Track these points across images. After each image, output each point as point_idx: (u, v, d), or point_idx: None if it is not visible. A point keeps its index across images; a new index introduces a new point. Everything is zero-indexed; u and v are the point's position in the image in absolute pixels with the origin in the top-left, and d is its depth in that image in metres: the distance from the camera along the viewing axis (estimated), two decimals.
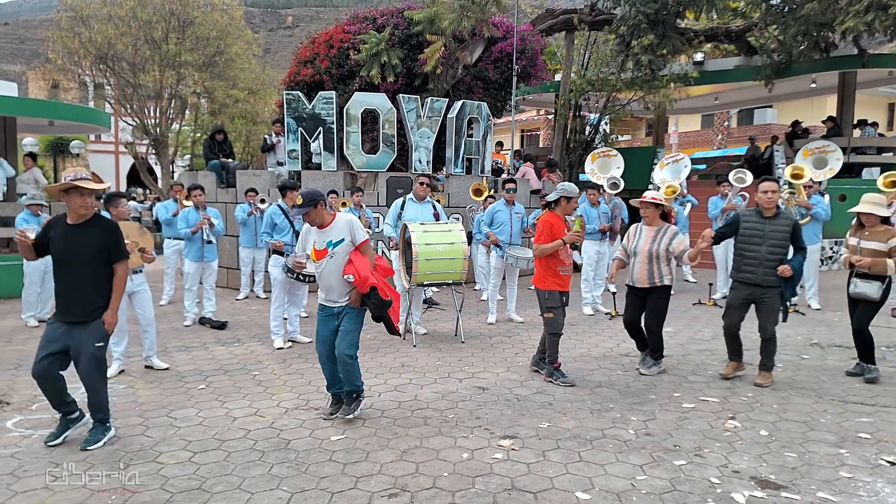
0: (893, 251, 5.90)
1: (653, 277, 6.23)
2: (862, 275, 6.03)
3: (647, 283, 6.25)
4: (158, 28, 20.57)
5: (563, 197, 6.11)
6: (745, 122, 33.91)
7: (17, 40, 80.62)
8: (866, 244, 6.03)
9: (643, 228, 6.39)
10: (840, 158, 11.30)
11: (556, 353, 6.17)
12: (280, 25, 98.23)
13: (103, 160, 35.20)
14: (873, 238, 6.01)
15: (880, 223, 6.06)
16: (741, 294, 6.11)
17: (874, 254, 5.95)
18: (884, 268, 5.89)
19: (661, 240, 6.22)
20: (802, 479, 4.10)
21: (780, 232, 5.90)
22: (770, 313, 6.02)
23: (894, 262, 5.87)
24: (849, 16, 12.58)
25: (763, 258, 5.92)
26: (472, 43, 14.47)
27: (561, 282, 6.11)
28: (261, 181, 11.97)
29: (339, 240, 5.03)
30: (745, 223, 6.07)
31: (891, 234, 5.95)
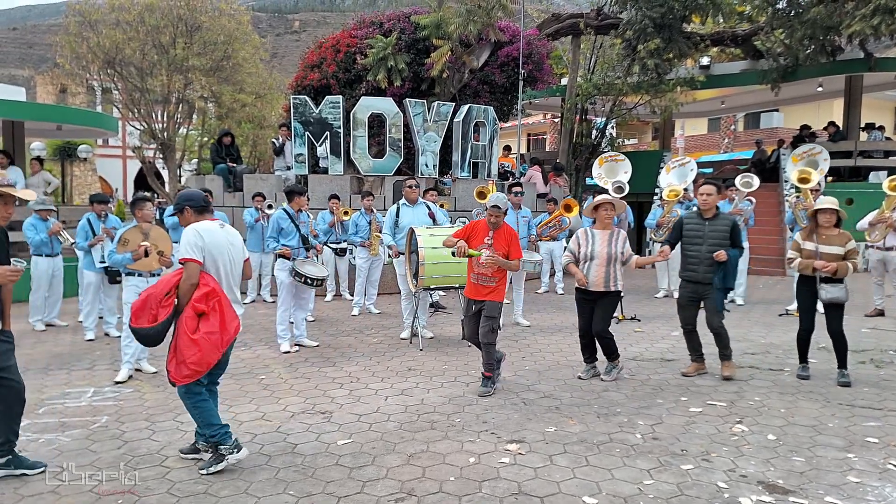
0: (850, 254, 6.09)
1: (608, 282, 6.18)
2: (828, 280, 6.16)
3: (602, 287, 6.18)
4: (166, 33, 20.65)
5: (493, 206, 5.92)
6: (752, 125, 33.84)
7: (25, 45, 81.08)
8: (826, 249, 6.14)
9: (595, 232, 6.28)
10: (828, 159, 11.21)
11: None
12: (287, 30, 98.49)
13: (111, 164, 35.37)
14: (832, 243, 6.13)
15: (834, 227, 6.18)
16: (687, 292, 6.43)
17: (835, 258, 6.09)
18: (846, 271, 6.08)
19: (616, 243, 6.20)
20: (810, 483, 4.08)
21: (720, 232, 6.19)
22: (712, 308, 6.31)
23: (852, 264, 6.08)
24: (855, 19, 12.56)
25: (703, 257, 6.21)
26: (479, 47, 14.48)
27: (469, 287, 6.12)
28: (267, 185, 12.00)
29: None
30: (687, 225, 6.39)
31: (846, 238, 6.12)
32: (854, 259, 6.13)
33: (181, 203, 4.55)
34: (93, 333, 8.33)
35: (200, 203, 4.57)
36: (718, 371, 6.49)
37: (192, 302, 4.19)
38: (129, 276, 6.49)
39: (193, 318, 4.19)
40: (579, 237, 6.33)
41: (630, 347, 7.70)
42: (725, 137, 34.15)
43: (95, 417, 5.35)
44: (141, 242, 6.32)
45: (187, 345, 4.12)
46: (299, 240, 7.66)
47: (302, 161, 12.11)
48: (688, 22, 15.55)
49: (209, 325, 4.20)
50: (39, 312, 9.01)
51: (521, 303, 9.18)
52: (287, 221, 7.67)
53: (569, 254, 6.41)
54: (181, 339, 4.15)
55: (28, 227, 8.65)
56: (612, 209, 6.28)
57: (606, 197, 6.30)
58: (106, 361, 7.16)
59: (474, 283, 6.01)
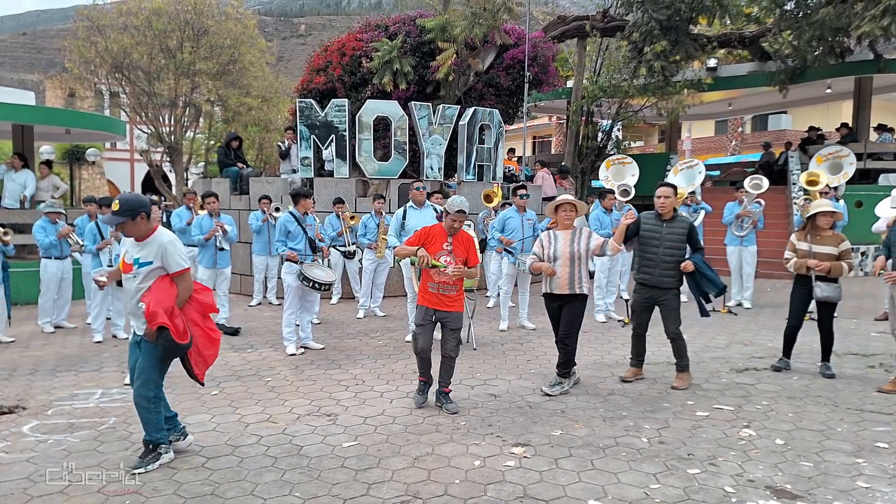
0: (844, 254, 6.20)
1: (573, 283, 5.93)
2: (821, 279, 6.29)
3: (567, 290, 5.93)
4: (173, 37, 20.75)
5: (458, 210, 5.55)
6: (760, 127, 33.71)
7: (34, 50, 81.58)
8: (820, 249, 6.29)
9: (557, 233, 6.10)
10: (854, 163, 11.20)
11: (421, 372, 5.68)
12: (293, 34, 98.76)
13: (118, 168, 35.51)
14: (825, 243, 6.29)
15: (829, 228, 6.32)
16: (642, 296, 6.30)
17: (828, 258, 6.21)
18: (841, 271, 6.19)
19: (580, 241, 5.99)
20: (818, 488, 4.06)
21: (677, 234, 6.10)
22: (670, 314, 6.19)
23: (847, 264, 6.17)
24: (864, 20, 12.51)
25: (660, 260, 6.11)
26: (484, 50, 14.48)
27: (427, 297, 5.59)
28: (274, 188, 12.03)
29: (147, 262, 4.31)
30: (644, 225, 6.24)
31: (840, 239, 6.25)
32: (848, 259, 6.23)
33: (138, 209, 4.25)
34: (101, 335, 8.36)
35: (150, 209, 4.39)
36: (713, 378, 6.45)
37: (208, 306, 4.53)
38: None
39: (202, 319, 4.47)
40: (542, 239, 6.17)
41: None
42: (733, 140, 34.06)
43: (103, 419, 5.37)
44: None
45: (208, 343, 4.46)
46: (306, 243, 7.67)
47: (308, 164, 12.13)
48: (694, 24, 15.52)
49: (212, 324, 4.58)
50: (48, 314, 9.05)
51: (527, 306, 9.16)
52: (294, 224, 7.67)
53: (533, 255, 6.19)
54: (202, 340, 4.43)
55: (38, 230, 8.69)
56: (573, 210, 6.05)
57: (567, 197, 6.14)
58: (114, 363, 7.19)
59: (435, 293, 5.56)
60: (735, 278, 10.69)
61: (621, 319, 9.44)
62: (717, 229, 13.23)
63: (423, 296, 5.63)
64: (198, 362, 4.44)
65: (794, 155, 16.71)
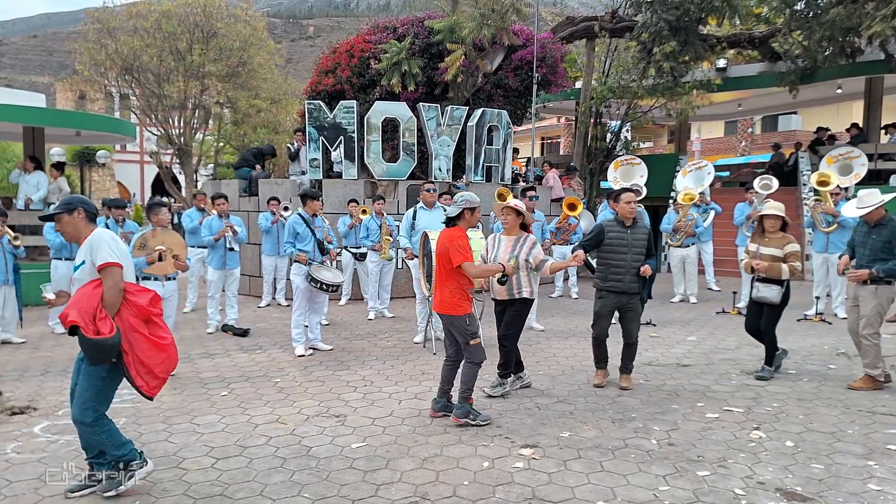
0: (789, 257, 6.22)
1: (511, 289, 5.86)
2: (763, 279, 6.35)
3: (506, 295, 5.89)
4: (183, 39, 20.85)
5: (467, 209, 5.38)
6: (770, 128, 33.55)
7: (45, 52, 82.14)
8: (765, 250, 6.34)
9: (502, 238, 6.04)
10: (865, 164, 11.13)
11: (473, 387, 5.37)
12: (302, 36, 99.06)
13: (128, 169, 35.73)
14: (772, 244, 6.34)
15: (779, 230, 6.35)
16: (610, 302, 6.22)
17: (772, 259, 6.26)
18: (779, 272, 6.24)
19: (521, 249, 5.89)
20: (829, 491, 4.03)
21: (640, 240, 6.13)
22: (635, 318, 6.23)
23: (789, 266, 6.20)
24: (875, 20, 12.42)
25: (629, 266, 6.10)
26: (493, 51, 14.47)
27: (471, 304, 5.46)
28: (283, 190, 12.06)
29: (81, 263, 4.04)
30: (609, 233, 6.19)
31: (787, 241, 6.27)
32: (793, 262, 6.23)
33: (75, 204, 4.06)
34: None
35: (94, 210, 4.17)
36: (737, 377, 6.42)
37: (146, 308, 4.00)
38: (145, 280, 6.54)
39: (143, 324, 4.00)
40: (488, 243, 6.12)
41: (645, 352, 7.65)
42: (742, 140, 33.92)
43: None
44: (156, 247, 6.38)
45: (152, 352, 3.95)
46: (315, 244, 7.68)
47: (316, 166, 12.16)
48: (704, 24, 15.45)
49: (162, 330, 4.07)
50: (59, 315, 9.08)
51: (536, 307, 9.14)
52: (302, 226, 7.69)
53: (480, 261, 6.12)
54: (143, 347, 3.93)
55: (48, 231, 8.75)
56: (514, 215, 5.93)
57: (513, 202, 6.08)
58: None
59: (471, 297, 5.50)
60: (746, 279, 10.62)
61: None
62: (727, 230, 13.19)
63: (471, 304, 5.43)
64: (140, 372, 3.92)
65: (805, 156, 16.62)
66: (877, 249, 6.05)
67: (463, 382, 5.28)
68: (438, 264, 5.36)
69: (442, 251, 5.29)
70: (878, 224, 6.13)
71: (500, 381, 6.05)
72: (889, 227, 6.04)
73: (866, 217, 6.21)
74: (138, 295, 4.03)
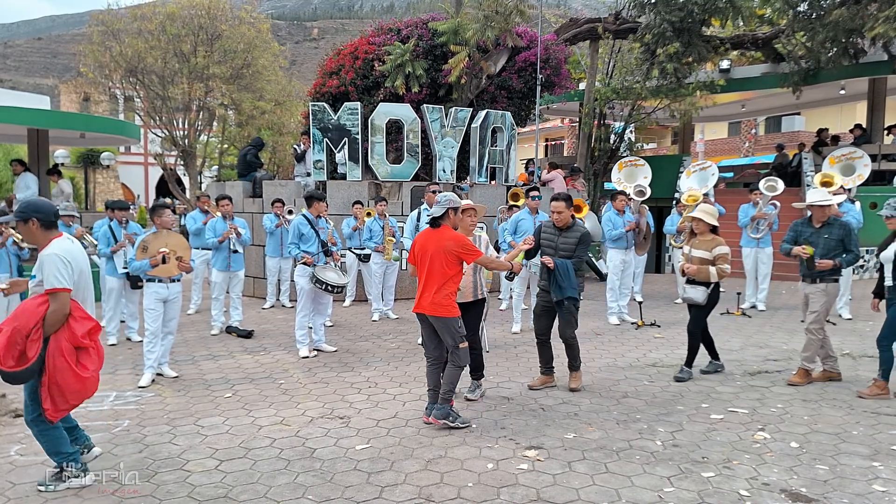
0: (717, 259, 6.29)
1: (476, 290, 5.92)
2: (691, 281, 6.43)
3: (471, 297, 5.89)
4: (187, 41, 20.90)
5: (451, 208, 5.34)
6: (773, 129, 33.49)
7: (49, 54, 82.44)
8: (695, 252, 6.43)
9: None
10: (868, 164, 11.10)
11: (455, 389, 5.32)
12: (306, 37, 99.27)
13: (133, 171, 35.78)
14: (701, 247, 6.42)
15: (709, 232, 6.42)
16: (542, 301, 6.32)
17: (701, 261, 6.34)
18: (707, 275, 6.28)
19: (483, 250, 6.01)
20: (834, 492, 4.02)
21: (570, 242, 6.15)
22: (565, 317, 6.18)
23: (717, 269, 6.26)
24: (879, 21, 12.40)
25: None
26: (496, 53, 14.48)
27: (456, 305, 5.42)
28: (287, 191, 12.08)
29: (33, 275, 4.02)
30: (543, 235, 6.29)
31: (716, 244, 6.33)
32: (721, 265, 6.28)
33: (27, 213, 3.98)
34: (115, 338, 8.42)
35: (51, 217, 4.06)
36: (729, 380, 6.41)
37: (80, 338, 3.95)
38: (149, 282, 6.55)
39: (73, 352, 3.94)
40: None
41: (649, 353, 7.65)
42: (746, 141, 33.86)
43: (117, 421, 5.40)
44: (160, 249, 6.39)
45: (73, 381, 3.91)
46: (319, 246, 7.69)
47: (320, 167, 12.17)
48: (707, 25, 15.43)
49: (93, 362, 4.05)
50: None
51: None
52: (307, 227, 7.70)
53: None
54: (64, 374, 3.88)
55: None
56: (475, 214, 5.88)
57: (470, 202, 5.99)
58: (128, 366, 7.23)
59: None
60: (750, 281, 10.63)
61: (634, 322, 9.40)
62: (731, 231, 13.16)
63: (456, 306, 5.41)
64: (53, 394, 3.89)
65: (808, 156, 16.59)
66: (830, 248, 6.25)
67: (445, 384, 5.24)
68: (431, 265, 5.24)
69: (439, 252, 5.19)
70: (826, 224, 6.35)
71: (477, 383, 6.08)
72: (838, 226, 6.30)
73: (817, 218, 6.38)
74: (80, 322, 4.00)
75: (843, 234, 6.23)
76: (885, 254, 5.97)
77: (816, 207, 6.38)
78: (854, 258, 6.29)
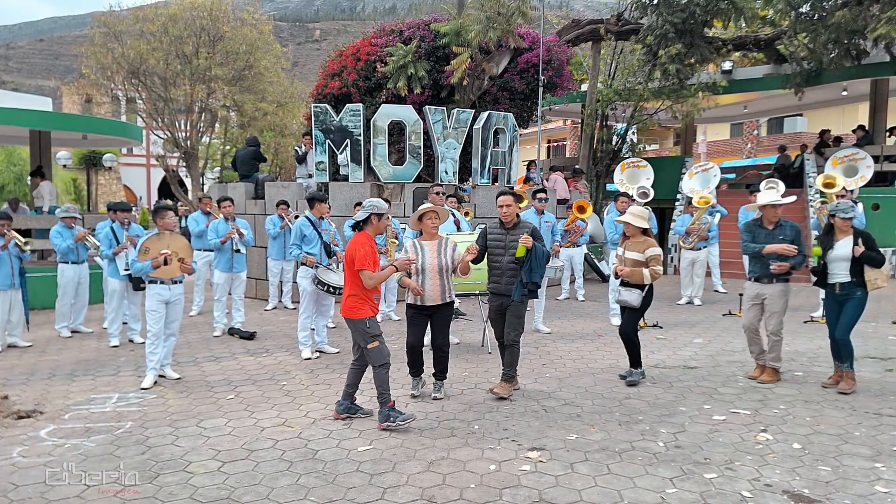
0: (650, 261, 6.26)
1: (444, 293, 5.86)
2: (625, 283, 6.38)
3: (439, 300, 5.85)
4: (189, 43, 20.94)
5: (374, 214, 5.37)
6: (775, 130, 33.51)
7: (51, 56, 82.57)
8: (628, 254, 6.40)
9: (424, 243, 5.92)
10: (871, 166, 11.10)
11: (388, 390, 5.32)
12: (308, 39, 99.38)
13: (135, 173, 35.85)
14: (634, 248, 6.36)
15: (640, 234, 6.38)
16: (494, 304, 6.23)
17: (635, 263, 6.30)
18: (640, 277, 6.24)
19: (446, 252, 5.89)
20: (837, 493, 4.02)
21: (518, 240, 6.04)
22: (513, 321, 6.08)
23: (650, 271, 6.23)
24: (881, 23, 12.39)
25: (505, 268, 6.08)
26: (499, 54, 14.50)
27: (374, 307, 5.47)
28: (289, 193, 12.08)
29: None
30: (490, 235, 6.20)
31: (648, 245, 6.31)
32: (654, 266, 6.27)
33: None
34: (117, 340, 8.42)
35: None
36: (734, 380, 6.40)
37: None
38: (151, 284, 6.56)
39: None
40: (408, 250, 5.95)
41: (652, 355, 7.64)
42: (748, 142, 33.86)
43: (120, 423, 5.41)
44: (162, 250, 6.40)
45: None
46: (321, 247, 7.69)
47: (323, 169, 12.17)
48: (709, 27, 15.44)
49: None
50: (65, 319, 9.12)
51: (542, 310, 9.15)
52: (310, 229, 7.71)
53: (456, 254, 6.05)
54: None
55: (55, 235, 8.78)
56: (437, 218, 5.91)
57: (430, 206, 6.03)
58: (130, 367, 7.24)
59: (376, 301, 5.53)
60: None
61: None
62: (733, 232, 13.14)
63: (372, 307, 5.41)
64: None
65: (810, 158, 16.58)
66: None
67: (377, 387, 5.30)
68: (347, 268, 5.38)
69: (349, 255, 5.30)
70: (777, 225, 6.43)
71: (440, 384, 6.09)
72: (789, 228, 6.40)
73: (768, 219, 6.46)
74: None
75: (794, 235, 6.35)
76: (836, 253, 6.12)
77: (768, 208, 6.47)
78: (803, 259, 6.37)
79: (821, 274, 6.29)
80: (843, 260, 6.10)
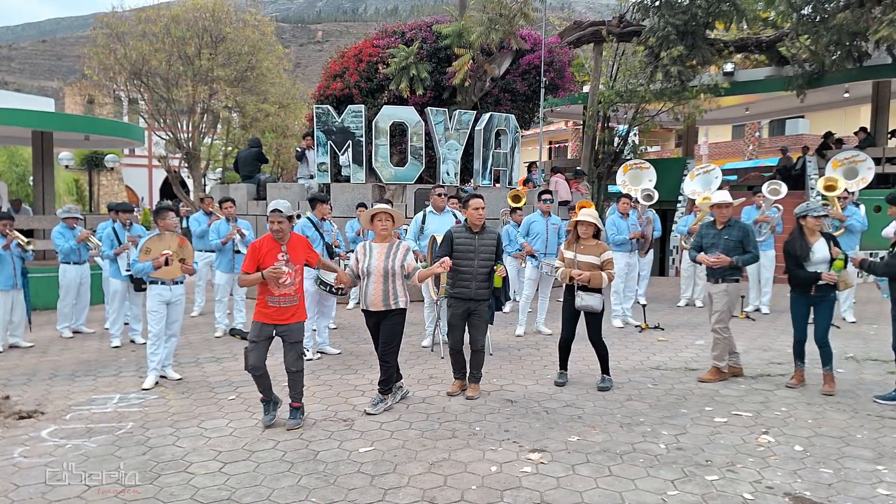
0: (605, 264, 6.23)
1: (388, 299, 5.61)
2: (583, 288, 6.27)
3: (381, 306, 5.61)
4: (191, 44, 20.97)
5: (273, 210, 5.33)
6: (777, 132, 33.50)
7: (54, 57, 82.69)
8: (583, 258, 6.29)
9: (373, 245, 5.79)
10: (871, 168, 11.07)
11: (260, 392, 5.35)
12: (310, 40, 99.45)
13: (137, 174, 35.86)
14: (588, 252, 6.27)
15: (592, 237, 6.33)
16: (459, 310, 6.17)
17: (590, 267, 6.23)
18: (600, 281, 6.20)
19: (395, 256, 5.66)
20: (838, 495, 4.01)
21: (488, 245, 6.11)
22: (480, 325, 6.14)
23: (607, 274, 6.22)
24: (883, 24, 12.39)
25: (476, 272, 6.08)
26: (500, 55, 14.50)
27: (267, 312, 5.32)
28: (291, 194, 12.09)
29: None
30: (457, 240, 6.16)
31: (603, 249, 6.29)
32: (610, 270, 6.27)
33: None
34: (119, 340, 8.43)
35: None
36: (738, 382, 6.39)
37: None
38: (153, 285, 6.57)
39: None
40: (358, 252, 5.81)
41: (653, 357, 7.64)
42: (750, 144, 33.86)
43: (121, 423, 5.41)
44: (163, 251, 6.40)
45: None
46: (324, 248, 7.70)
47: (324, 170, 12.18)
48: (711, 28, 15.43)
49: None
50: (67, 319, 9.13)
51: (545, 311, 9.14)
52: (312, 230, 7.71)
53: (349, 270, 5.86)
54: None
55: (56, 236, 8.79)
56: (390, 220, 5.75)
57: (383, 206, 5.94)
58: (132, 368, 7.24)
59: (275, 307, 5.32)
60: (753, 284, 10.61)
61: (638, 325, 9.39)
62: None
63: (262, 311, 5.34)
64: None
65: (812, 160, 16.57)
66: (730, 249, 6.38)
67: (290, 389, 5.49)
68: None
69: None
70: (727, 225, 6.48)
71: (381, 397, 5.75)
72: (738, 227, 6.46)
73: (718, 219, 6.53)
74: None
75: (742, 236, 6.39)
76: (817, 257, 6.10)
77: (716, 208, 6.52)
78: (752, 258, 6.44)
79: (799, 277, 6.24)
80: (823, 263, 6.10)
